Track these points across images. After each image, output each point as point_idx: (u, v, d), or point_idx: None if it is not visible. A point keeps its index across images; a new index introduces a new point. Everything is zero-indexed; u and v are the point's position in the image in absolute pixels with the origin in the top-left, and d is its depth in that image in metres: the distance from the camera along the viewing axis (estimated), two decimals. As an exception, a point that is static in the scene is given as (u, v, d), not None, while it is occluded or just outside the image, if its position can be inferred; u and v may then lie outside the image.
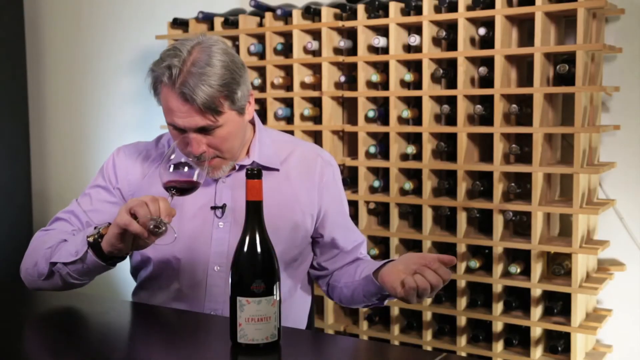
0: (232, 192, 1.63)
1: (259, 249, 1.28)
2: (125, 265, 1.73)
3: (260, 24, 2.90)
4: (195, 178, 1.46)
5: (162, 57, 1.51)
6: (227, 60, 1.50)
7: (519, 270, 2.45)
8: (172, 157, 1.46)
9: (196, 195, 1.51)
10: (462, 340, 2.54)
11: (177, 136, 1.54)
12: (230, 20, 2.89)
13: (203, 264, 1.62)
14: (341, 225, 1.73)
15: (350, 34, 2.75)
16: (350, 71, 2.77)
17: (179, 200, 1.50)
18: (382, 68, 2.70)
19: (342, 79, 2.68)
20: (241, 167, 1.65)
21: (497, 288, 2.46)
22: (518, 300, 2.48)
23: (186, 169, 1.46)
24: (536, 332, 2.42)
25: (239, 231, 1.32)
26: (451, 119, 2.56)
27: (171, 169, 1.45)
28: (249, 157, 1.66)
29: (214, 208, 1.63)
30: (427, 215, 2.56)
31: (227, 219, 1.62)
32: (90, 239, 1.48)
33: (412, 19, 2.53)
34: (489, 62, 2.46)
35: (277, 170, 1.67)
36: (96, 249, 1.47)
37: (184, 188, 1.46)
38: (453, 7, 2.47)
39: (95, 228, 1.51)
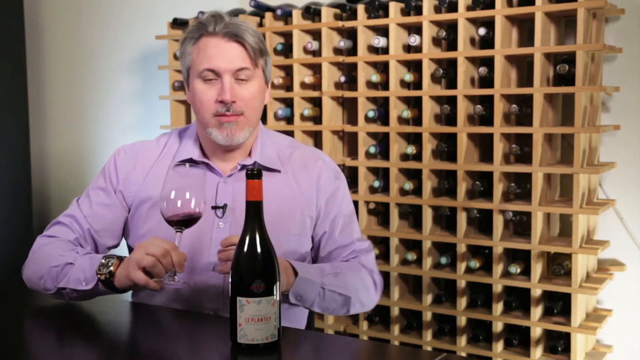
0: (234, 191, 1.63)
1: (259, 249, 1.28)
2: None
3: (260, 24, 2.90)
4: (198, 209, 1.47)
5: (201, 18, 1.62)
6: (257, 31, 1.63)
7: (519, 270, 2.45)
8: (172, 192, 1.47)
9: None
10: (462, 340, 2.55)
11: (205, 92, 1.58)
12: (230, 20, 2.88)
13: (203, 264, 1.62)
14: (331, 230, 1.70)
15: (350, 34, 2.75)
16: (350, 71, 2.77)
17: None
18: (382, 68, 2.70)
19: (342, 79, 2.68)
20: (243, 166, 1.65)
21: (497, 288, 2.46)
22: (518, 300, 2.48)
23: (187, 195, 1.46)
24: (536, 332, 2.42)
25: (239, 231, 1.32)
26: (451, 119, 2.56)
27: (172, 196, 1.46)
28: (251, 158, 1.66)
29: (214, 208, 1.63)
30: (427, 215, 2.56)
31: (228, 219, 1.62)
32: (102, 277, 1.49)
33: (412, 19, 2.53)
34: (489, 62, 2.46)
35: (279, 171, 1.67)
36: (107, 284, 1.50)
37: (187, 220, 1.48)
38: (453, 7, 2.47)
39: (104, 259, 1.51)
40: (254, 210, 1.29)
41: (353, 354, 1.39)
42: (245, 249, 1.28)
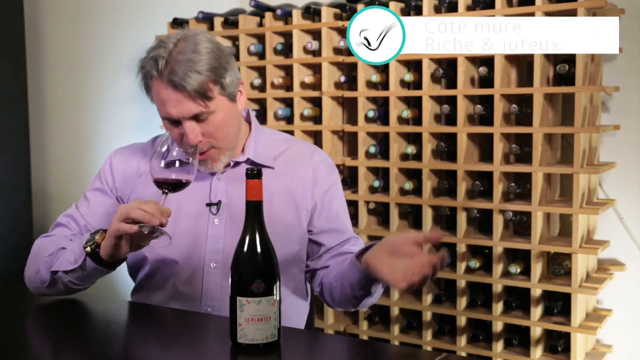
0: (227, 188, 1.64)
1: (259, 249, 1.28)
2: (124, 266, 1.73)
3: (260, 24, 2.90)
4: (186, 176, 1.46)
5: (148, 52, 1.57)
6: (212, 47, 1.54)
7: (519, 270, 2.45)
8: (164, 149, 1.47)
9: (191, 192, 1.53)
10: (462, 340, 2.54)
11: (172, 130, 1.56)
12: (230, 20, 2.89)
13: (199, 261, 1.62)
14: (329, 224, 1.70)
15: (350, 34, 2.75)
16: (350, 71, 2.77)
17: (174, 197, 1.51)
18: (382, 68, 2.69)
19: (342, 79, 2.68)
20: (236, 163, 1.65)
21: (497, 288, 2.46)
22: (518, 300, 2.48)
23: (177, 164, 1.46)
24: (536, 332, 2.42)
25: (234, 228, 1.32)
26: (451, 119, 2.56)
27: (162, 164, 1.46)
28: (244, 154, 1.66)
29: (209, 205, 1.63)
30: (427, 215, 2.56)
31: (222, 216, 1.62)
32: (88, 249, 1.50)
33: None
34: (489, 62, 2.46)
35: (272, 168, 1.67)
36: (94, 257, 1.50)
37: (175, 184, 1.47)
38: (453, 7, 2.47)
39: (90, 235, 1.52)
40: (254, 210, 1.29)
41: (353, 354, 1.39)
42: (245, 249, 1.28)
